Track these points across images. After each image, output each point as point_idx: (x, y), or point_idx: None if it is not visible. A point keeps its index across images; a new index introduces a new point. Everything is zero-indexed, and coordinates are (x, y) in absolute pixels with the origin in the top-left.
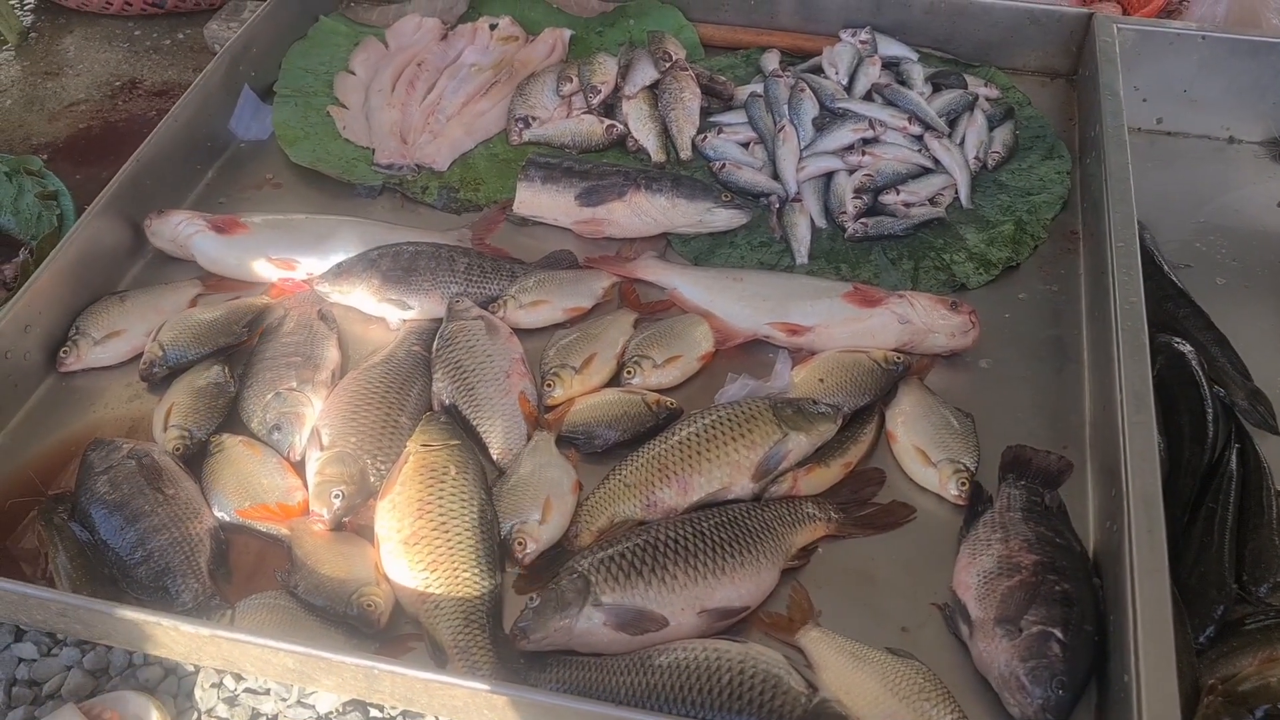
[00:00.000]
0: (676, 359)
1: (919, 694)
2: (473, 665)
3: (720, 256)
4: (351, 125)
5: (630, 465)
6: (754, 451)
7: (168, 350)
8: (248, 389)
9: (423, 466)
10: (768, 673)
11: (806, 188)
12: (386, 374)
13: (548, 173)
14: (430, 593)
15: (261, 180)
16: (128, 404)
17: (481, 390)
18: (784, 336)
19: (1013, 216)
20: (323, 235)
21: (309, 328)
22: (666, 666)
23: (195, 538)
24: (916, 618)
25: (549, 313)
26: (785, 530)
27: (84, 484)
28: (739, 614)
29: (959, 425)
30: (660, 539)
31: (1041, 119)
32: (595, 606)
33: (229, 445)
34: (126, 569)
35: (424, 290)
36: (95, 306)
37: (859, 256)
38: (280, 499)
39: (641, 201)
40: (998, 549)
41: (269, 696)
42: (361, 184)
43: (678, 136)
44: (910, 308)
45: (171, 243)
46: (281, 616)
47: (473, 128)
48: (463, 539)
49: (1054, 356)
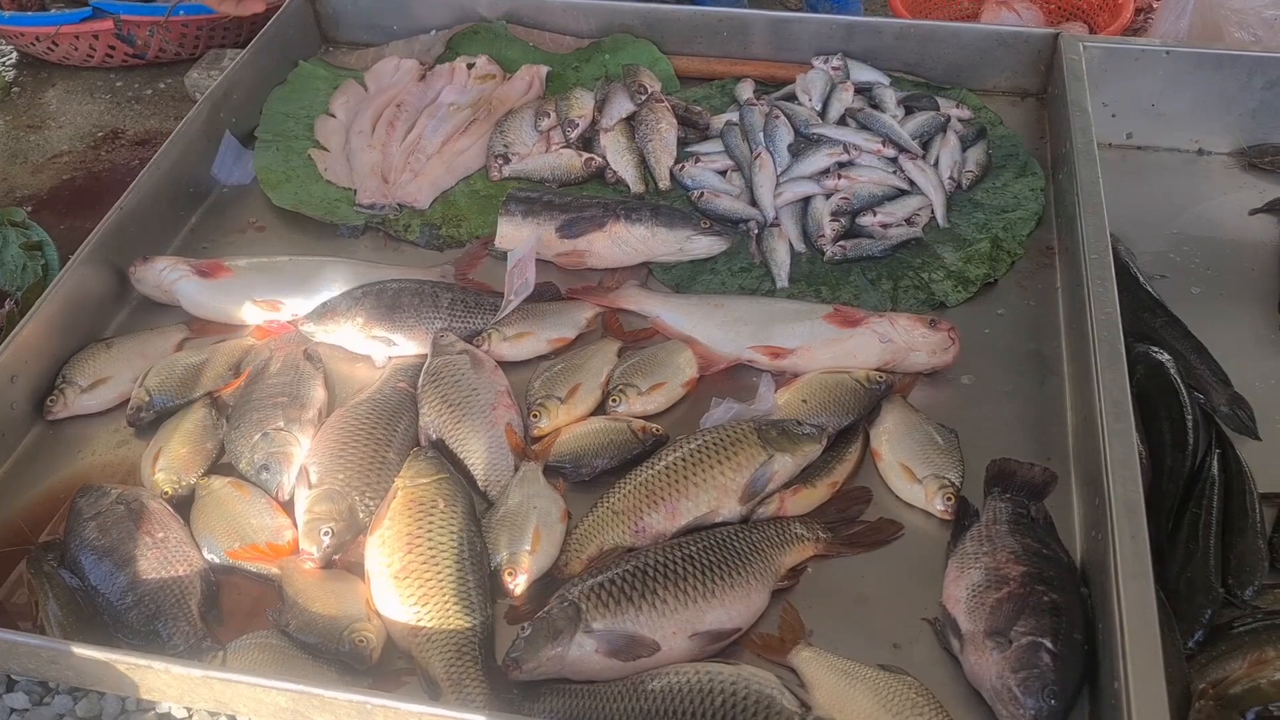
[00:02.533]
0: (661, 386)
1: (912, 709)
2: (466, 697)
3: (701, 283)
4: (333, 167)
5: (618, 492)
6: (740, 474)
7: (154, 395)
8: (235, 430)
9: (411, 501)
10: (760, 693)
11: (784, 213)
12: (373, 411)
13: (528, 207)
14: (422, 626)
15: (245, 224)
16: (115, 450)
17: (468, 423)
18: (766, 360)
19: (989, 234)
20: (306, 276)
21: (295, 368)
22: (659, 691)
23: (185, 580)
24: (907, 633)
25: (533, 344)
26: (774, 551)
27: (73, 530)
28: (730, 636)
29: (943, 441)
30: (649, 564)
31: (1014, 137)
32: (587, 633)
33: (217, 487)
34: (117, 614)
35: (408, 326)
36: (81, 354)
37: (839, 278)
38: (270, 539)
39: (621, 231)
40: (985, 562)
41: None
42: (344, 224)
43: (655, 167)
44: (890, 327)
45: (156, 288)
46: (274, 655)
47: (453, 165)
48: (452, 572)
49: (1035, 370)
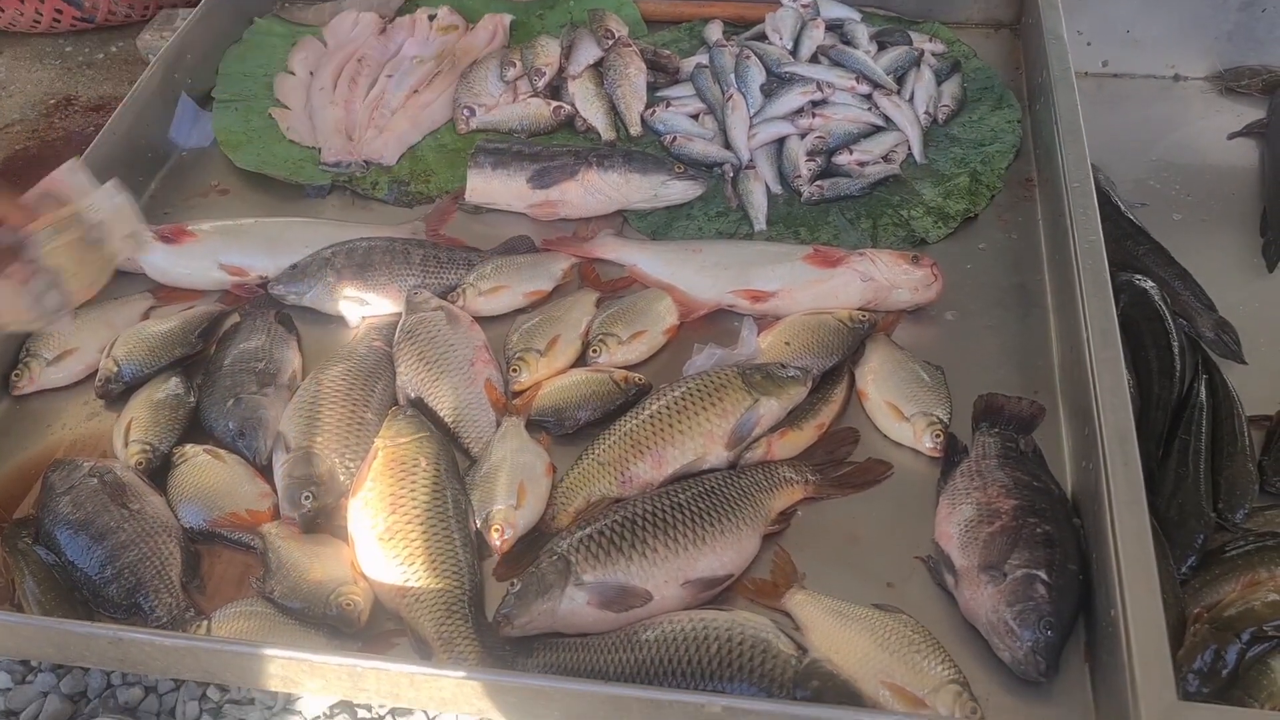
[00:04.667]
0: (641, 334)
1: (909, 646)
2: (458, 656)
3: (678, 229)
4: (295, 126)
5: (603, 443)
6: (726, 420)
7: (122, 365)
8: (208, 397)
9: (392, 461)
10: (756, 637)
11: (759, 154)
12: (349, 372)
13: (497, 158)
14: (410, 587)
15: (207, 188)
16: (86, 422)
17: (446, 381)
18: (747, 304)
19: (967, 169)
20: (273, 238)
21: (267, 332)
22: (654, 640)
23: (165, 551)
24: (901, 572)
25: (509, 298)
26: (763, 496)
27: (47, 506)
28: (722, 583)
29: (929, 378)
30: (638, 513)
31: (988, 70)
32: (577, 586)
33: (193, 455)
34: (96, 588)
35: (381, 285)
36: (46, 326)
37: (817, 219)
38: (250, 505)
39: (594, 180)
40: (977, 497)
41: (254, 706)
42: (310, 184)
43: (626, 113)
44: (872, 265)
45: None
46: (260, 623)
47: (418, 120)
48: (438, 530)
49: (1018, 304)
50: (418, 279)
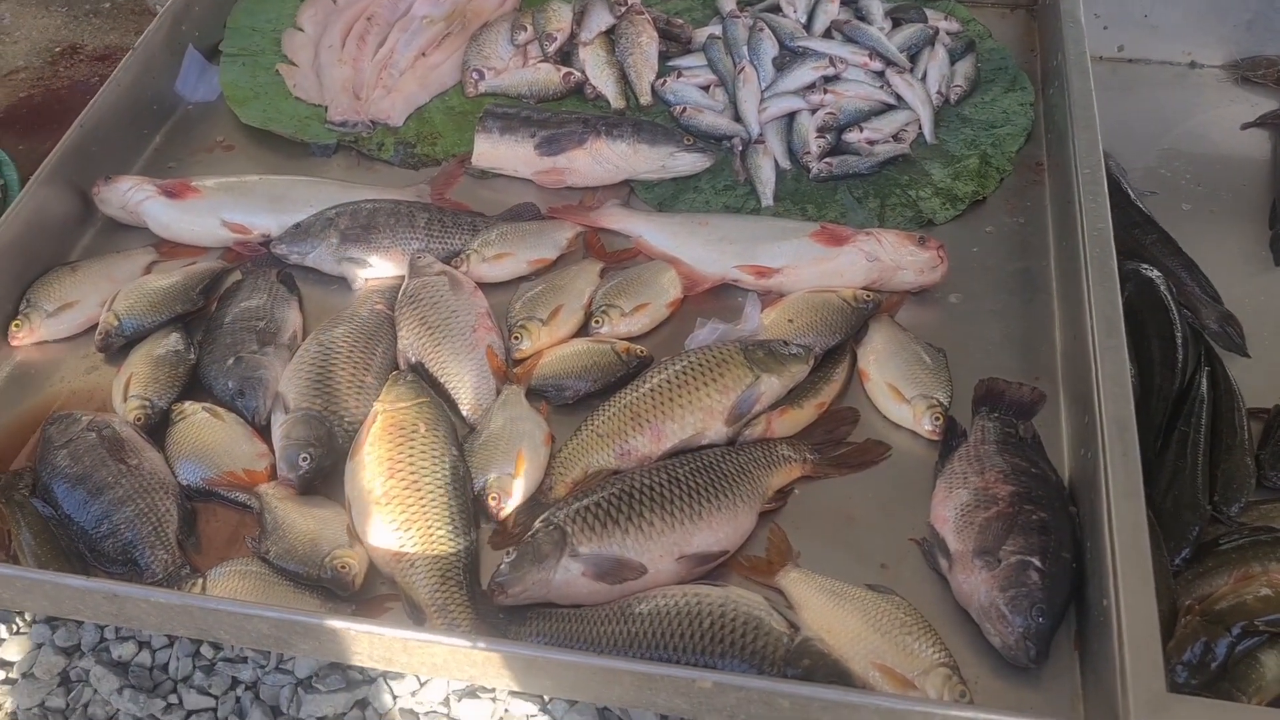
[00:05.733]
0: (645, 306)
1: (900, 628)
2: (451, 622)
3: (685, 202)
4: (302, 83)
5: (602, 415)
6: (726, 396)
7: (123, 320)
8: (208, 355)
9: (391, 425)
10: (749, 615)
11: (769, 129)
12: (350, 334)
13: (506, 123)
14: (405, 552)
15: (212, 143)
16: (85, 376)
17: (448, 346)
18: (752, 279)
19: (977, 150)
20: (277, 196)
21: (268, 291)
22: (647, 614)
23: (162, 508)
24: (895, 554)
25: (513, 265)
26: (761, 473)
27: (44, 459)
28: (717, 559)
29: (931, 361)
30: (636, 486)
31: (1003, 51)
32: (573, 557)
33: (191, 413)
34: (93, 543)
35: (384, 248)
36: (46, 278)
37: (824, 196)
38: (247, 465)
39: (602, 149)
40: (974, 481)
41: (246, 665)
42: (315, 143)
43: (637, 82)
44: (878, 245)
45: (121, 209)
46: (254, 583)
47: (427, 81)
48: (435, 496)
49: (1023, 288)
50: (422, 243)
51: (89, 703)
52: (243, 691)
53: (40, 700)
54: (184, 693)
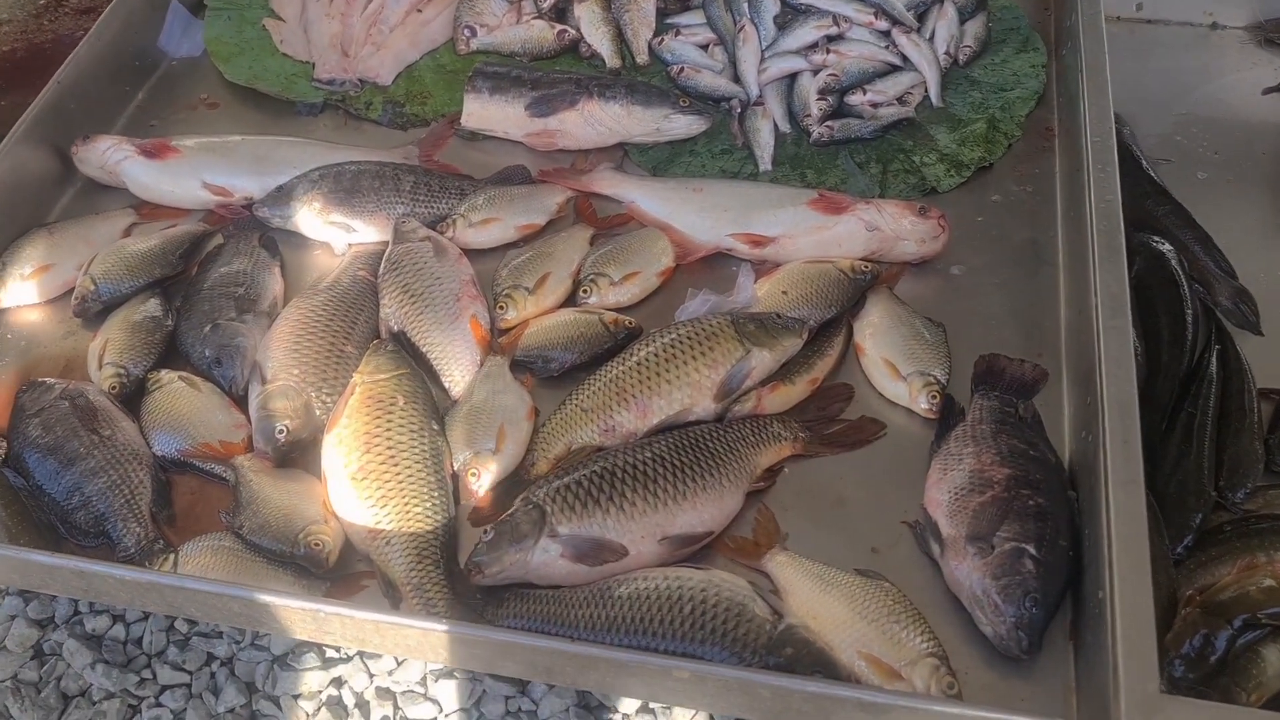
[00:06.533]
0: (635, 275)
1: (888, 616)
2: (427, 602)
3: (680, 166)
4: (289, 39)
5: (587, 389)
6: (715, 370)
7: (100, 284)
8: (186, 321)
9: (370, 398)
10: (731, 600)
11: (769, 90)
12: (330, 302)
13: (496, 83)
14: (381, 529)
15: (196, 101)
16: (62, 341)
17: (430, 315)
18: (746, 248)
19: (985, 114)
20: (260, 157)
21: (250, 255)
22: (627, 597)
23: (135, 480)
24: (887, 537)
25: (500, 231)
26: (749, 451)
27: (16, 428)
28: (701, 540)
29: (930, 336)
30: (618, 465)
31: (1015, 10)
32: (551, 538)
33: (167, 381)
34: (64, 515)
35: (368, 212)
36: (22, 240)
37: (825, 162)
38: (223, 436)
39: (595, 110)
40: (969, 463)
41: (222, 640)
42: (302, 101)
43: (633, 40)
44: (878, 214)
45: (101, 170)
46: (227, 559)
47: (417, 38)
48: (413, 472)
49: (1028, 260)
50: (407, 207)
51: (62, 676)
52: (218, 667)
53: (13, 673)
54: (158, 668)
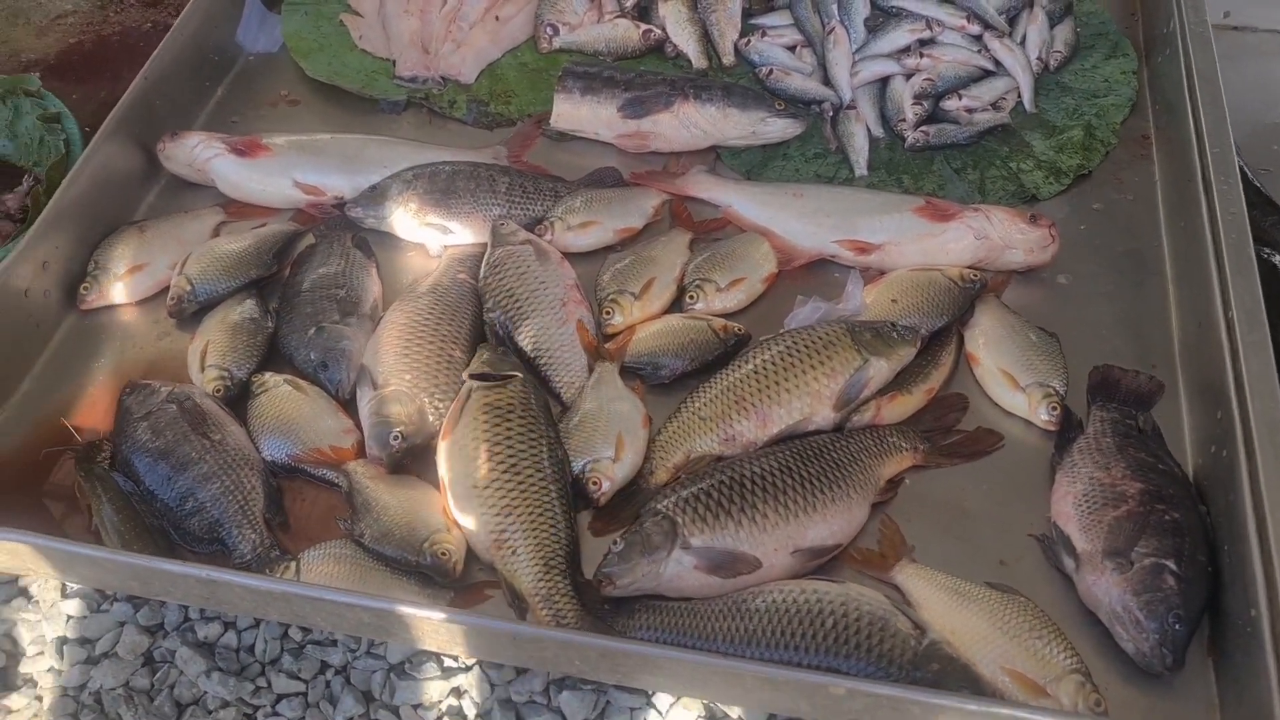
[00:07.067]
0: (740, 281)
1: (1030, 631)
2: (556, 614)
3: (773, 170)
4: (368, 35)
5: (703, 397)
6: (834, 380)
7: (196, 284)
8: (287, 324)
9: (486, 405)
10: (873, 614)
11: (861, 94)
12: (435, 305)
13: (587, 83)
14: (506, 539)
15: (276, 96)
16: (157, 342)
17: (537, 320)
18: (851, 255)
19: (1081, 121)
20: (351, 156)
21: (344, 256)
22: (764, 610)
23: (248, 485)
24: (1014, 550)
25: (599, 234)
26: (873, 461)
27: (124, 431)
28: (831, 553)
29: (1045, 346)
30: (746, 475)
31: (1102, 15)
32: (684, 549)
33: (273, 385)
34: (177, 521)
35: (465, 213)
36: (114, 238)
37: (921, 167)
38: (333, 441)
39: (690, 112)
40: (1099, 477)
41: (336, 648)
42: (384, 99)
43: (719, 41)
44: (987, 222)
45: (188, 167)
46: (349, 568)
47: (498, 35)
48: (535, 481)
49: (1134, 270)
50: (503, 208)
51: (174, 684)
52: (332, 676)
53: (125, 680)
54: (273, 676)
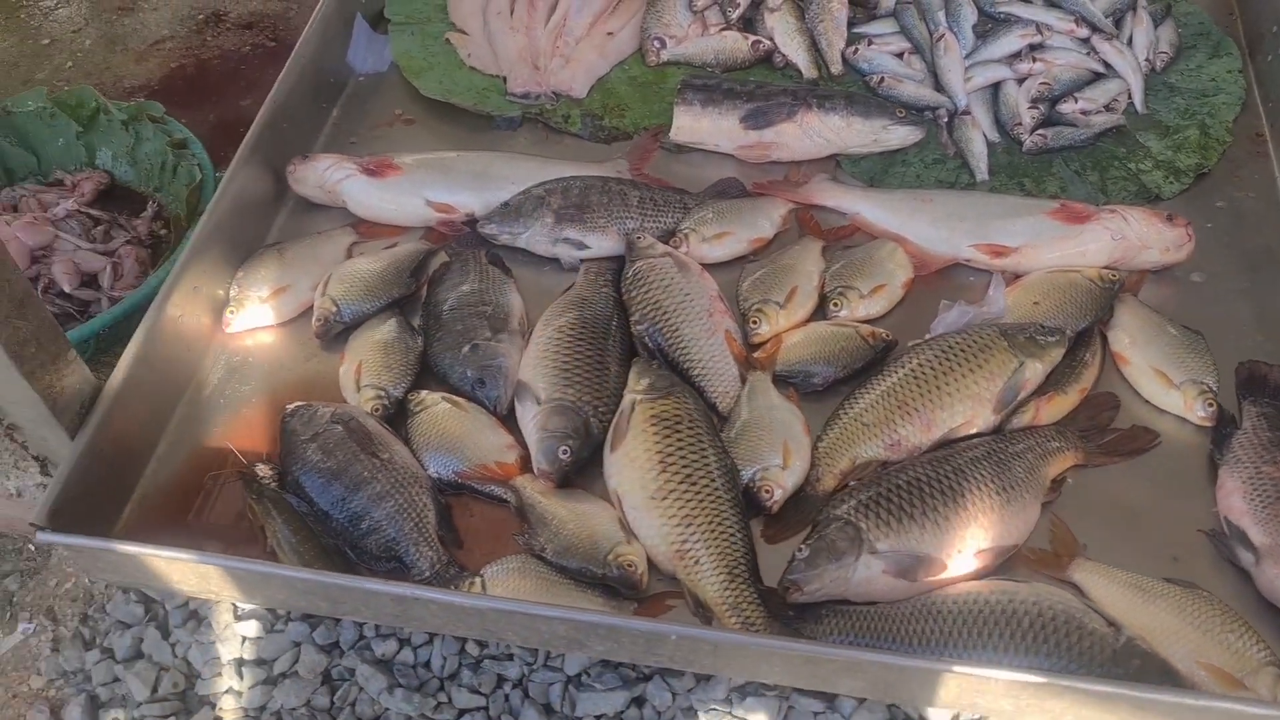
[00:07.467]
0: (882, 288)
1: (1220, 625)
2: (745, 621)
3: (894, 176)
4: (476, 52)
5: (862, 402)
6: (993, 382)
7: (342, 305)
8: (438, 343)
9: (653, 417)
10: (1067, 614)
11: (974, 99)
12: (586, 319)
13: (707, 95)
14: (687, 549)
15: (391, 116)
16: (305, 364)
17: (687, 331)
18: (987, 259)
19: (1194, 120)
20: (479, 173)
21: (482, 273)
22: (956, 612)
23: (420, 503)
24: (1184, 546)
25: (733, 245)
26: (1038, 462)
27: (292, 453)
28: (1010, 552)
29: (1192, 343)
30: (922, 478)
31: (1200, 15)
32: (872, 554)
33: (432, 403)
34: (353, 540)
35: (600, 228)
36: (254, 262)
37: (1041, 170)
38: (496, 457)
39: (813, 122)
40: (1268, 471)
41: (513, 662)
42: (501, 115)
43: (828, 50)
44: (1124, 222)
45: (318, 189)
46: (535, 582)
47: (605, 50)
48: (710, 490)
49: (1268, 266)
50: (636, 222)
51: (355, 701)
52: (510, 689)
53: (306, 699)
54: (453, 691)
